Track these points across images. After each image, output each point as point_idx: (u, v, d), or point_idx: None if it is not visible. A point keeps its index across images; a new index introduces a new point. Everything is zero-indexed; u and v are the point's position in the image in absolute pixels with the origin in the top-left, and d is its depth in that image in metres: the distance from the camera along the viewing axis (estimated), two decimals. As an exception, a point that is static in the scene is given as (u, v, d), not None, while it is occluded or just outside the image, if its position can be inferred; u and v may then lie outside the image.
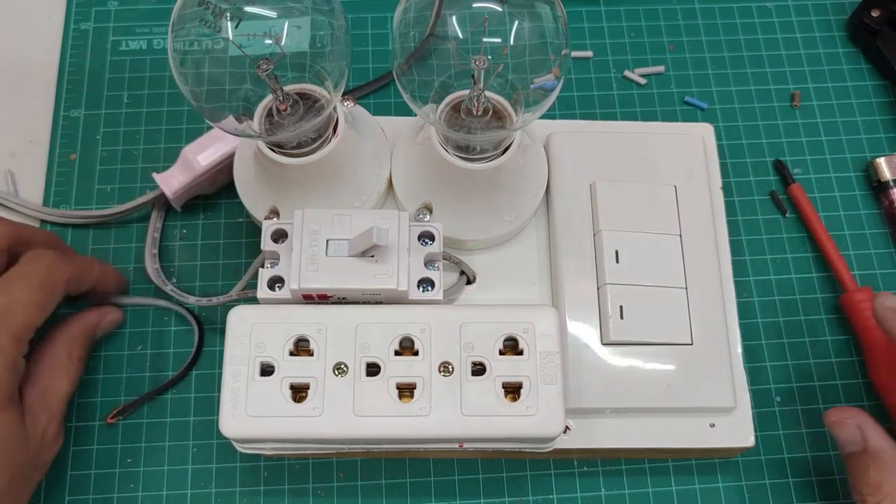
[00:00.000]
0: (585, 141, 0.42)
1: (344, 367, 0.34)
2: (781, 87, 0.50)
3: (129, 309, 0.44)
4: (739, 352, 0.40)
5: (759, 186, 0.48)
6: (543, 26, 0.35)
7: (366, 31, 0.51)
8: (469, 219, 0.39)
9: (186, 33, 0.34)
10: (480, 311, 0.35)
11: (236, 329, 0.35)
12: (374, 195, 0.40)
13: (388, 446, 0.36)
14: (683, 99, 0.50)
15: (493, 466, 0.41)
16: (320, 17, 0.35)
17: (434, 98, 0.37)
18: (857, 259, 0.46)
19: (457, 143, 0.37)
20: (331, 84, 0.36)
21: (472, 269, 0.40)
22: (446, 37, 0.35)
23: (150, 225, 0.45)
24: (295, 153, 0.37)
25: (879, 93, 0.50)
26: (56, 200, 0.46)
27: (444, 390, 0.34)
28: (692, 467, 0.42)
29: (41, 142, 0.47)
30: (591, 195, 0.41)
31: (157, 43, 0.50)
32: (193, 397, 0.42)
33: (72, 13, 0.51)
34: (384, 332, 0.35)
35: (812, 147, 0.49)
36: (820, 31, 0.52)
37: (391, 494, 0.41)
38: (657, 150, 0.42)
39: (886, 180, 0.47)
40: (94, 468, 0.41)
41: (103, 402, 0.42)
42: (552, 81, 0.35)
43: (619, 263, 0.39)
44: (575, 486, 0.41)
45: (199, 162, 0.43)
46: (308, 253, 0.35)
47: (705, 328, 0.39)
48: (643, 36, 0.52)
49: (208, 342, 0.43)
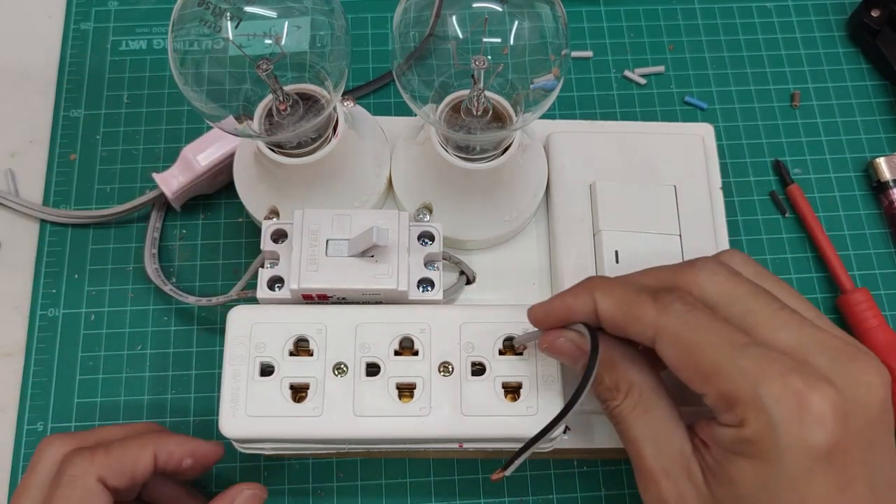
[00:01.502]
0: (585, 141, 0.42)
1: (344, 367, 0.34)
2: (781, 87, 0.50)
3: (129, 309, 0.44)
4: (739, 352, 0.40)
5: (758, 186, 0.48)
6: (543, 26, 0.35)
7: (366, 31, 0.51)
8: (469, 219, 0.39)
9: (186, 33, 0.34)
10: (480, 311, 0.35)
11: (236, 329, 0.35)
12: (374, 195, 0.40)
13: (387, 446, 0.36)
14: (683, 99, 0.50)
15: (493, 466, 0.41)
16: (320, 17, 0.35)
17: (434, 98, 0.37)
18: (857, 259, 0.46)
19: (457, 143, 0.37)
20: (331, 84, 0.36)
21: (471, 269, 0.40)
22: (446, 37, 0.35)
23: (150, 225, 0.45)
24: (295, 153, 0.37)
25: (879, 93, 0.50)
26: (56, 200, 0.46)
27: (443, 390, 0.34)
28: (692, 467, 0.42)
29: (41, 142, 0.47)
30: (591, 195, 0.41)
31: (157, 43, 0.50)
32: (193, 397, 0.42)
33: (72, 13, 0.51)
34: (384, 332, 0.35)
35: (812, 147, 0.49)
36: (820, 31, 0.52)
37: (391, 494, 0.41)
38: (657, 150, 0.42)
39: (886, 180, 0.47)
40: (93, 468, 0.41)
41: (103, 402, 0.42)
42: (552, 81, 0.35)
43: (619, 263, 0.39)
44: (575, 486, 0.41)
45: (199, 162, 0.43)
46: (308, 253, 0.35)
47: (705, 328, 0.39)
48: (643, 36, 0.52)
49: (208, 342, 0.43)
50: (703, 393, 0.28)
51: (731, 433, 0.27)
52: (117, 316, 0.43)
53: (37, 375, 0.42)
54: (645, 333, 0.29)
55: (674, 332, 0.28)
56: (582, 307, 0.31)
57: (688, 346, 0.28)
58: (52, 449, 0.33)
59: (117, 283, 0.44)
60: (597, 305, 0.30)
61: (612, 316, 0.30)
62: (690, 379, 0.28)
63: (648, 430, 0.30)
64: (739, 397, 0.27)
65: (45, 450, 0.33)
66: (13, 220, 0.46)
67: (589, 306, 0.30)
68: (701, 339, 0.28)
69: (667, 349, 0.29)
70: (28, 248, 0.45)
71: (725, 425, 0.28)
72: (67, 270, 0.44)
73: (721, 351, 0.28)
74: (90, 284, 0.44)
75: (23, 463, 0.40)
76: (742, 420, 0.27)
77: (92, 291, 0.44)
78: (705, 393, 0.28)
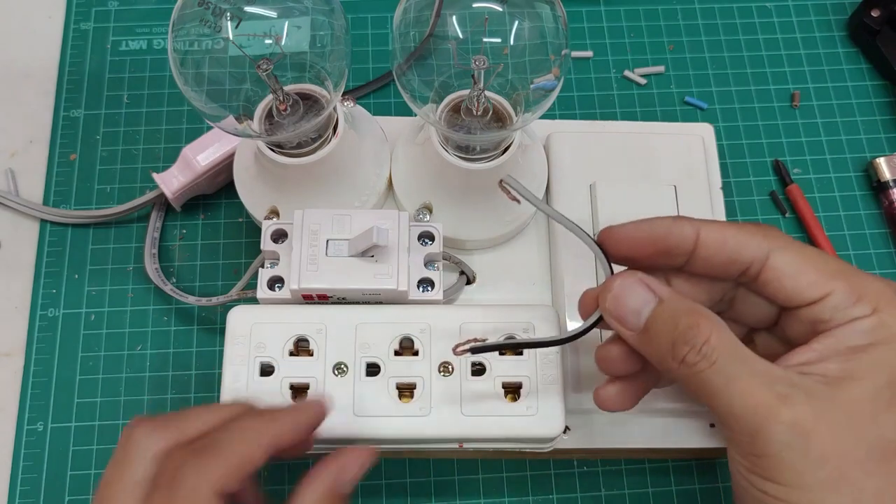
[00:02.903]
0: (585, 141, 0.42)
1: (344, 367, 0.34)
2: (781, 87, 0.50)
3: (129, 309, 0.44)
4: (739, 352, 0.40)
5: (758, 186, 0.48)
6: (543, 26, 0.35)
7: (366, 31, 0.51)
8: (469, 219, 0.39)
9: (186, 33, 0.34)
10: (480, 311, 0.35)
11: (236, 329, 0.35)
12: (374, 195, 0.40)
13: (388, 446, 0.36)
14: (683, 99, 0.50)
15: (493, 466, 0.41)
16: (320, 17, 0.35)
17: (434, 98, 0.37)
18: (857, 259, 0.46)
19: (457, 143, 0.37)
20: (331, 84, 0.36)
21: (471, 269, 0.40)
22: (446, 37, 0.35)
23: (150, 225, 0.45)
24: (295, 153, 0.37)
25: (879, 93, 0.50)
26: (56, 200, 0.46)
27: (443, 390, 0.34)
28: (692, 467, 0.42)
29: (41, 142, 0.47)
30: (591, 195, 0.41)
31: (157, 43, 0.50)
32: (193, 397, 0.42)
33: (72, 13, 0.51)
34: (384, 332, 0.35)
35: (812, 147, 0.49)
36: (820, 31, 0.52)
37: (391, 494, 0.41)
38: (657, 150, 0.42)
39: (886, 180, 0.47)
40: (93, 468, 0.41)
41: (103, 402, 0.42)
42: (552, 81, 0.35)
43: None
44: (575, 486, 0.41)
45: (199, 162, 0.43)
46: (308, 253, 0.35)
47: (705, 328, 0.39)
48: (643, 36, 0.52)
49: (208, 342, 0.43)
50: (826, 293, 0.28)
51: (867, 323, 0.27)
52: (117, 316, 0.43)
53: (37, 375, 0.42)
54: (759, 248, 0.29)
55: (790, 242, 0.29)
56: (682, 230, 0.30)
57: (809, 253, 0.29)
58: (147, 441, 0.29)
59: (117, 283, 0.44)
60: (700, 231, 0.29)
61: (720, 239, 0.29)
62: (812, 282, 0.28)
63: (745, 367, 0.27)
64: (868, 287, 0.28)
65: (140, 441, 0.29)
66: (13, 220, 0.46)
67: (689, 230, 0.30)
68: (817, 250, 0.29)
69: (784, 259, 0.29)
70: (28, 248, 0.45)
71: (855, 319, 0.27)
72: (67, 270, 0.44)
73: (839, 260, 0.29)
74: (90, 284, 0.44)
75: (23, 463, 0.40)
76: (876, 307, 0.27)
77: (92, 291, 0.44)
78: (830, 292, 0.28)
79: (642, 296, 0.29)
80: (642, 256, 0.31)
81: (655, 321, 0.28)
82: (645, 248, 0.30)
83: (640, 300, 0.29)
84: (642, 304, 0.29)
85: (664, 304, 0.29)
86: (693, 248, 0.30)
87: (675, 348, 0.28)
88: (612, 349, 0.31)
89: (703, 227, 0.29)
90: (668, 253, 0.30)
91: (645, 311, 0.29)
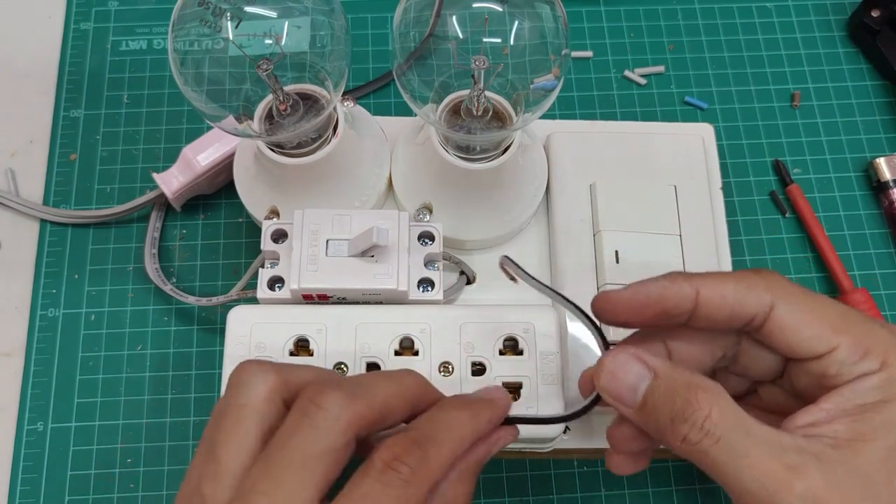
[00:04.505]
0: (585, 141, 0.42)
1: (344, 367, 0.34)
2: (781, 87, 0.50)
3: (129, 309, 0.44)
4: (739, 352, 0.40)
5: (758, 186, 0.48)
6: (543, 26, 0.35)
7: (366, 31, 0.51)
8: (469, 219, 0.39)
9: (186, 33, 0.34)
10: (480, 311, 0.35)
11: (236, 329, 0.35)
12: (374, 195, 0.40)
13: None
14: (683, 99, 0.50)
15: (493, 466, 0.41)
16: (320, 17, 0.35)
17: (434, 98, 0.37)
18: (857, 259, 0.46)
19: (457, 143, 0.37)
20: (331, 84, 0.36)
21: (472, 269, 0.40)
22: (446, 37, 0.35)
23: (150, 225, 0.45)
24: (295, 153, 0.37)
25: (879, 93, 0.50)
26: (56, 200, 0.46)
27: (444, 390, 0.34)
28: (692, 467, 0.41)
29: (41, 142, 0.47)
30: (591, 195, 0.41)
31: (157, 43, 0.50)
32: (193, 397, 0.42)
33: (72, 13, 0.51)
34: (384, 332, 0.35)
35: (812, 147, 0.49)
36: (820, 31, 0.52)
37: (391, 494, 0.41)
38: (657, 150, 0.42)
39: (886, 180, 0.47)
40: (93, 468, 0.41)
41: (103, 402, 0.42)
42: (552, 81, 0.35)
43: (619, 263, 0.39)
44: (575, 486, 0.41)
45: (199, 162, 0.43)
46: (308, 253, 0.35)
47: (705, 328, 0.39)
48: (643, 36, 0.52)
49: (208, 342, 0.43)
50: (832, 347, 0.27)
51: (876, 379, 0.26)
52: (117, 316, 0.43)
53: (37, 375, 0.42)
54: (761, 301, 0.28)
55: (793, 293, 0.28)
56: (680, 291, 0.29)
57: (813, 304, 0.28)
58: (342, 412, 0.26)
59: (117, 284, 0.44)
60: (699, 290, 0.28)
61: (720, 295, 0.28)
62: (817, 336, 0.27)
63: (750, 439, 0.26)
64: (875, 339, 0.27)
65: (331, 408, 0.26)
66: (13, 220, 0.46)
67: (688, 290, 0.29)
68: (822, 298, 0.28)
69: (788, 311, 0.28)
70: (28, 248, 0.45)
71: (863, 376, 0.27)
72: (67, 270, 0.44)
73: (845, 308, 0.28)
74: (90, 284, 0.44)
75: (23, 463, 0.40)
76: (884, 361, 0.26)
77: (92, 291, 0.44)
78: (836, 346, 0.27)
79: (637, 371, 0.28)
80: (641, 321, 0.30)
81: (652, 396, 0.28)
82: (643, 312, 0.30)
83: (636, 376, 0.28)
84: (638, 380, 0.28)
85: (660, 379, 0.28)
86: (693, 307, 0.29)
87: (675, 426, 0.27)
88: (623, 430, 0.30)
89: (701, 284, 0.29)
90: (667, 315, 0.29)
91: (641, 387, 0.28)
